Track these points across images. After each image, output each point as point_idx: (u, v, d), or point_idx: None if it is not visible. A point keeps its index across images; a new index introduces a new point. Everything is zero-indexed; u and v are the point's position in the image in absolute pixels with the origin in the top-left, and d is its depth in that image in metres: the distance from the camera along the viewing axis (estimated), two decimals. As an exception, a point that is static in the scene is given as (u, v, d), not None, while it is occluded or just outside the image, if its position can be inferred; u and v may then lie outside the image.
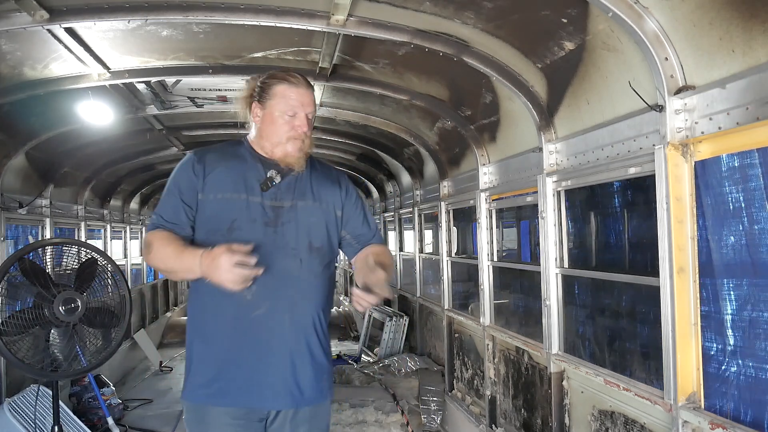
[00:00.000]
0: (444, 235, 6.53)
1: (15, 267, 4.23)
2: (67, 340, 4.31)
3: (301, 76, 2.36)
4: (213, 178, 2.30)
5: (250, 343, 2.25)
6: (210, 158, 2.34)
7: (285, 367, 2.28)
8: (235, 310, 2.24)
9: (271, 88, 2.32)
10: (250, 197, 2.29)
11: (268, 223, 2.29)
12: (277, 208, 2.31)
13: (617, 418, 3.22)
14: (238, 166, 2.33)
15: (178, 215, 2.29)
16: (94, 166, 7.75)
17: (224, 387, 2.24)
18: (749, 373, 2.46)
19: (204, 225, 2.30)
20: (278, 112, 2.30)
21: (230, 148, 2.41)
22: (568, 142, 3.73)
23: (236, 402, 2.25)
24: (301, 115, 2.30)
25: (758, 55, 2.26)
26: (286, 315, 2.28)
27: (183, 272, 2.23)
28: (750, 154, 2.41)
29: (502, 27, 3.55)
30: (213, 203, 2.28)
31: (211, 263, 2.06)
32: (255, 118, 2.36)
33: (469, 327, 5.77)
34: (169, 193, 2.33)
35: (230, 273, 2.03)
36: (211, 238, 2.25)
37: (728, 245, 2.54)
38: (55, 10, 3.38)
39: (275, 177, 2.32)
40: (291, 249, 2.30)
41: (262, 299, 2.25)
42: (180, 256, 2.18)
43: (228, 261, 2.02)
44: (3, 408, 4.87)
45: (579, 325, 3.93)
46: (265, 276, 2.20)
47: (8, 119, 5.11)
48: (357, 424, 5.97)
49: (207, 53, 4.58)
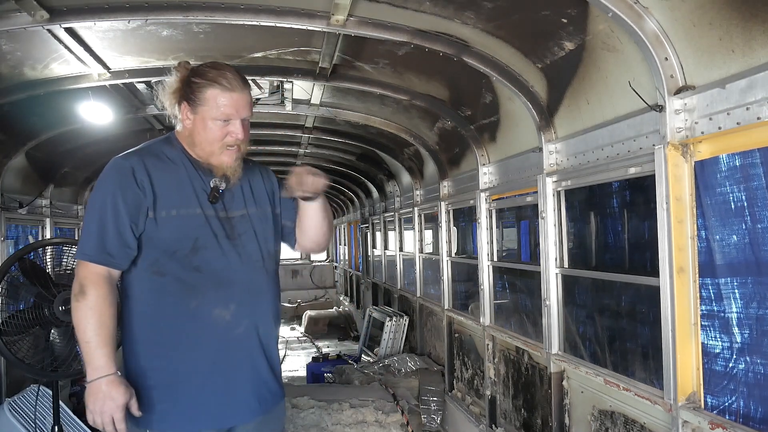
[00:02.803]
0: (444, 235, 6.53)
1: (15, 267, 4.23)
2: (67, 340, 4.31)
3: (234, 75, 2.09)
4: (161, 191, 2.06)
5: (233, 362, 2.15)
6: (150, 165, 2.08)
7: (255, 379, 2.21)
8: (213, 332, 2.10)
9: (202, 92, 2.07)
10: (205, 210, 2.11)
11: (229, 237, 2.14)
12: (231, 219, 2.17)
13: (617, 418, 3.22)
14: (182, 175, 2.12)
15: (122, 243, 2.02)
16: (94, 166, 7.75)
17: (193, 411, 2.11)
18: (749, 372, 2.46)
19: (158, 246, 2.07)
20: (210, 120, 2.07)
21: (164, 151, 2.16)
22: (568, 142, 3.73)
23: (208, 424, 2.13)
24: (236, 122, 2.09)
25: (758, 55, 2.26)
26: (259, 329, 2.21)
27: (83, 355, 2.00)
28: (750, 154, 2.41)
29: (502, 27, 3.55)
30: (168, 221, 2.06)
31: (104, 394, 1.94)
32: (185, 120, 2.13)
33: (469, 327, 5.77)
34: (112, 211, 2.01)
35: (101, 417, 1.94)
36: (169, 260, 2.07)
37: (728, 245, 2.54)
38: (55, 10, 3.38)
39: (219, 185, 2.14)
40: (254, 261, 2.20)
41: (241, 317, 2.15)
42: (95, 346, 1.96)
43: (112, 412, 1.93)
44: (3, 408, 4.87)
45: (579, 325, 3.93)
46: (242, 294, 2.15)
47: (8, 119, 5.12)
48: (357, 424, 5.97)
49: (207, 53, 4.58)
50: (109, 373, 1.96)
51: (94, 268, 2.02)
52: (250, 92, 2.16)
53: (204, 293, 2.10)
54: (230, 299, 2.14)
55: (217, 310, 2.12)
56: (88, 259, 2.03)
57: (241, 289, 2.16)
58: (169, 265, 2.08)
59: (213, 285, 2.12)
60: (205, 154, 2.13)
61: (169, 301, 2.10)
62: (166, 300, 2.09)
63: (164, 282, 2.09)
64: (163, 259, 2.08)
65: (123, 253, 2.05)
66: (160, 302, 2.10)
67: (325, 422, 5.79)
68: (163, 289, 2.10)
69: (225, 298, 2.13)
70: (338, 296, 16.57)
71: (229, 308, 2.13)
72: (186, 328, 2.10)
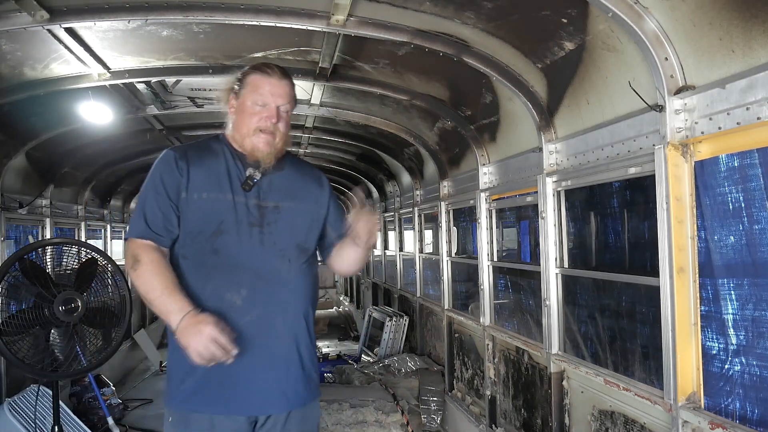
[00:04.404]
0: (444, 235, 6.53)
1: (15, 267, 4.23)
2: (67, 340, 4.31)
3: (276, 67, 2.27)
4: (196, 175, 2.20)
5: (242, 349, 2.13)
6: (192, 154, 2.25)
7: (276, 371, 2.23)
8: (224, 316, 2.12)
9: (245, 78, 2.26)
10: (235, 197, 2.21)
11: (254, 224, 2.21)
12: (263, 208, 2.24)
13: (617, 418, 3.22)
14: (219, 163, 2.25)
15: (166, 221, 2.18)
16: (94, 166, 7.76)
17: (212, 394, 2.17)
18: (749, 373, 2.46)
19: (185, 227, 2.19)
20: (249, 102, 2.22)
21: (209, 144, 2.32)
22: (568, 142, 3.73)
23: (226, 410, 2.17)
24: (271, 107, 2.22)
25: (758, 55, 2.26)
26: (278, 318, 2.23)
27: (159, 312, 2.10)
28: (750, 154, 2.41)
29: (502, 27, 3.55)
30: (198, 203, 2.19)
31: (193, 327, 1.98)
32: (231, 109, 2.30)
33: (469, 327, 5.77)
34: (155, 193, 2.19)
35: (205, 346, 1.97)
36: (194, 241, 2.18)
37: (728, 245, 2.54)
38: (55, 10, 3.38)
39: (255, 174, 2.24)
40: (279, 250, 2.24)
41: (253, 304, 2.18)
42: (166, 296, 2.07)
43: (210, 334, 1.96)
44: (3, 408, 4.87)
45: (579, 325, 3.93)
46: (254, 280, 2.18)
47: (8, 119, 5.12)
48: (357, 424, 5.97)
49: (207, 53, 4.58)
50: (187, 310, 2.04)
51: (141, 241, 2.18)
52: (290, 86, 2.29)
53: (218, 277, 2.18)
54: (241, 284, 2.17)
55: (229, 294, 2.17)
56: (135, 236, 2.19)
57: (253, 275, 2.18)
58: (192, 248, 2.19)
59: (228, 269, 2.18)
60: (240, 137, 2.25)
61: (190, 284, 2.17)
62: (187, 283, 2.18)
63: (187, 265, 2.20)
64: (187, 242, 2.20)
65: (165, 231, 2.19)
66: (183, 284, 2.17)
67: (325, 422, 5.79)
68: (188, 272, 2.20)
69: (237, 282, 2.17)
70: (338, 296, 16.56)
71: (240, 293, 2.17)
72: (205, 308, 2.13)
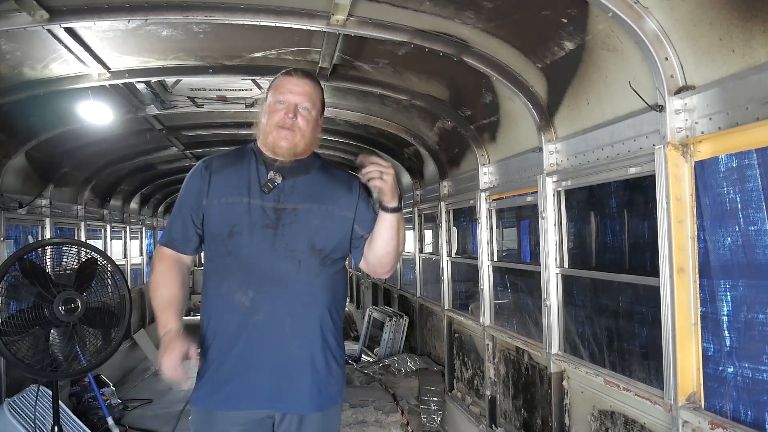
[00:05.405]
0: (444, 235, 6.53)
1: (15, 267, 4.23)
2: (67, 340, 4.31)
3: (302, 70, 2.35)
4: (217, 182, 2.30)
5: (250, 348, 2.23)
6: (217, 163, 2.35)
7: (284, 371, 2.25)
8: (234, 316, 2.24)
9: (272, 83, 2.35)
10: (251, 200, 2.26)
11: (268, 226, 2.25)
12: (280, 210, 2.27)
13: (617, 418, 3.22)
14: (243, 169, 2.32)
15: (186, 230, 2.34)
16: (94, 166, 7.75)
17: (229, 392, 2.24)
18: (749, 373, 2.46)
19: (208, 232, 2.32)
20: (272, 101, 2.30)
21: (239, 151, 2.42)
22: (568, 142, 3.72)
23: (238, 406, 2.24)
24: (290, 103, 2.26)
25: (758, 55, 2.26)
26: (286, 319, 2.24)
27: (156, 318, 2.29)
28: (749, 154, 2.41)
29: (502, 27, 3.55)
30: (217, 208, 2.28)
31: (167, 346, 2.15)
32: (261, 115, 2.37)
33: (469, 327, 5.77)
34: (180, 203, 2.36)
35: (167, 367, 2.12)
36: (214, 244, 2.30)
37: (727, 245, 2.54)
38: (55, 10, 3.37)
39: (276, 178, 2.28)
40: (289, 251, 2.24)
41: (260, 305, 2.23)
42: (160, 311, 2.26)
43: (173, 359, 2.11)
44: (3, 408, 4.87)
45: (579, 325, 3.93)
46: (263, 281, 2.21)
47: (8, 119, 5.11)
48: (357, 424, 5.97)
49: (207, 53, 4.58)
50: (168, 329, 2.20)
51: (163, 249, 2.38)
52: (312, 86, 2.32)
53: (231, 277, 2.26)
54: (249, 285, 2.22)
55: (238, 295, 2.24)
56: (161, 243, 2.40)
57: (262, 276, 2.22)
58: (213, 251, 2.31)
59: (239, 269, 2.24)
60: (264, 135, 2.32)
61: (211, 285, 2.32)
62: (209, 283, 2.33)
63: (210, 267, 2.33)
64: (210, 245, 2.32)
65: (183, 238, 2.35)
66: (205, 285, 2.35)
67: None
68: (210, 273, 2.33)
69: (246, 283, 2.23)
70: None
71: (248, 294, 2.22)
72: (217, 311, 2.29)
